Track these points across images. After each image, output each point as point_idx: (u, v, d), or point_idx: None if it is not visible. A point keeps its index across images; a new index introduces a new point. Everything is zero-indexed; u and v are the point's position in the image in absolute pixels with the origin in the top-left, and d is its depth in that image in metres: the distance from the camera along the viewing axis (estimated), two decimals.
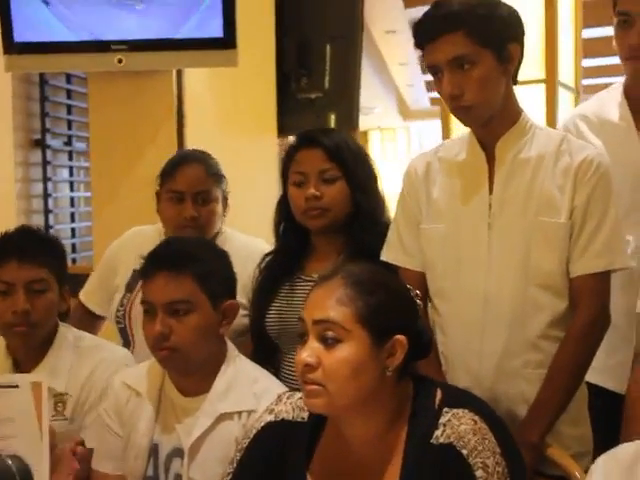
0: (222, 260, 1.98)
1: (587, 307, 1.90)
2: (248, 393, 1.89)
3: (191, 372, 1.90)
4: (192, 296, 1.86)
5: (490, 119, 1.93)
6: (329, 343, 1.48)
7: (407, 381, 1.57)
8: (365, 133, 11.61)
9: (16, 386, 1.86)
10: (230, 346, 1.98)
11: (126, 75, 3.32)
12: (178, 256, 1.90)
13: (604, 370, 1.89)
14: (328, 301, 1.50)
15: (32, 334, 2.06)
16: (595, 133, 2.20)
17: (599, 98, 2.36)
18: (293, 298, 2.22)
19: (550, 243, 1.91)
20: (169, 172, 2.47)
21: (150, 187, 2.55)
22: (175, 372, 1.91)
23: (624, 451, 1.43)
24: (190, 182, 2.42)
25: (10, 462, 1.15)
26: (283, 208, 2.31)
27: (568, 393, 1.91)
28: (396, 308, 1.54)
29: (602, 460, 1.45)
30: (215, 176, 2.48)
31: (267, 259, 2.35)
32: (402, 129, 11.64)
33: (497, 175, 1.96)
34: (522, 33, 1.96)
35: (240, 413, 1.86)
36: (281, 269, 2.29)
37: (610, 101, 2.29)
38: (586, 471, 1.79)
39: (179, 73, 3.43)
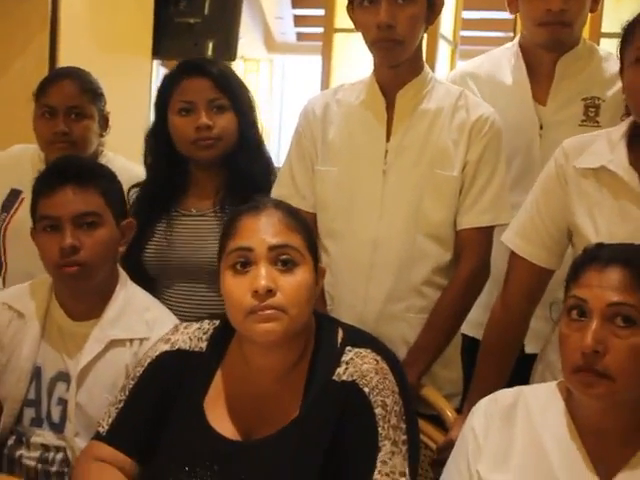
0: (117, 180, 1.94)
1: (470, 258, 1.98)
2: (140, 320, 1.87)
3: (89, 293, 1.86)
4: (100, 209, 1.83)
5: (402, 62, 1.95)
6: (286, 267, 1.49)
7: (311, 315, 1.59)
8: (228, 62, 11.41)
9: None
10: (122, 272, 1.95)
11: None
12: (84, 170, 1.86)
13: (480, 324, 1.97)
14: (278, 227, 1.51)
15: None
16: (486, 94, 2.21)
17: (490, 56, 2.36)
18: (172, 233, 2.18)
19: (441, 195, 1.97)
20: (43, 87, 2.39)
21: (19, 98, 2.46)
22: (76, 291, 1.86)
23: (504, 396, 1.52)
24: (63, 96, 2.35)
25: None
26: (157, 138, 2.23)
27: (446, 337, 2.00)
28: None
29: (483, 403, 1.54)
30: (91, 92, 2.41)
31: (136, 190, 2.27)
32: (266, 61, 11.52)
33: (396, 123, 1.99)
34: None
35: (132, 340, 1.85)
36: (156, 203, 2.22)
37: (503, 62, 2.29)
38: (457, 410, 1.90)
39: None
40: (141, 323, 1.87)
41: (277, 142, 10.89)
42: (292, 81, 11.67)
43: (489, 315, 1.93)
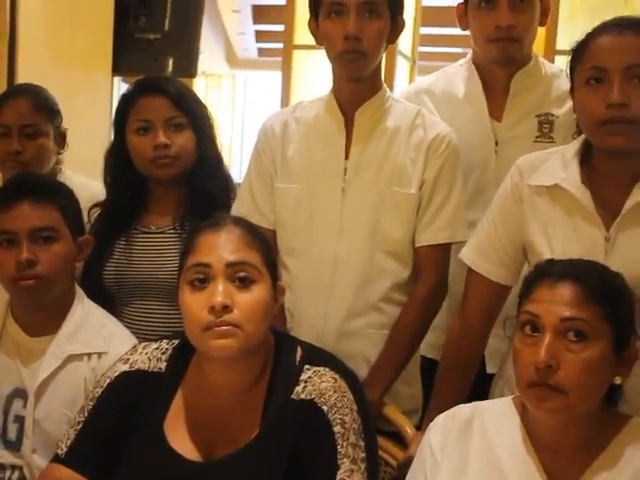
0: (75, 197, 1.95)
1: (428, 276, 1.99)
2: (97, 336, 1.87)
3: (46, 307, 1.85)
4: (57, 224, 1.83)
5: (364, 78, 1.97)
6: (243, 285, 1.49)
7: (269, 333, 1.60)
8: (190, 79, 11.41)
9: None
10: (78, 288, 1.95)
11: None
12: (41, 186, 1.87)
13: (438, 346, 1.99)
14: (236, 244, 1.52)
15: None
16: (442, 110, 2.23)
17: (445, 73, 2.38)
18: (131, 251, 2.18)
19: (399, 212, 1.99)
20: None
21: None
22: (32, 305, 1.85)
23: (461, 412, 1.54)
24: (16, 115, 2.34)
25: None
26: (116, 156, 2.23)
27: (407, 354, 2.01)
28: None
29: (441, 419, 1.55)
30: (46, 109, 2.40)
31: (97, 210, 2.26)
32: (228, 77, 11.53)
33: (354, 141, 2.01)
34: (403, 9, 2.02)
35: (90, 355, 1.84)
36: (116, 221, 2.22)
37: (457, 79, 2.31)
38: (416, 427, 1.91)
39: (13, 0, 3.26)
40: (98, 338, 1.86)
41: (239, 158, 10.90)
42: (254, 97, 11.69)
43: (447, 332, 1.94)
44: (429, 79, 2.40)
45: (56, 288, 1.84)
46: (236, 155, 10.93)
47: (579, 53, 1.67)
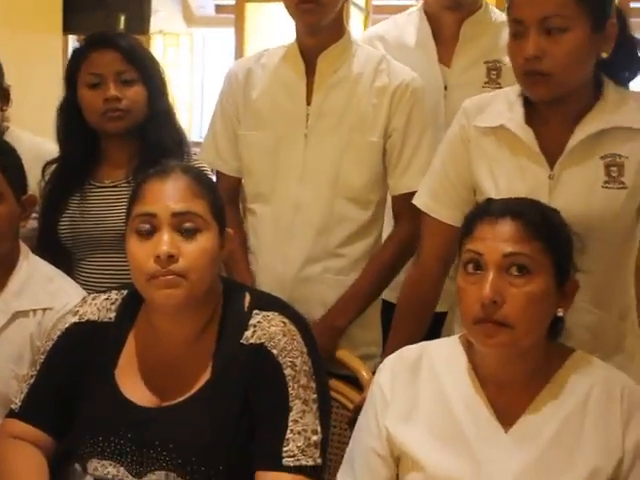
0: (17, 155, 1.93)
1: (407, 221, 2.02)
2: (43, 291, 1.87)
3: None
4: (0, 186, 1.81)
5: (323, 28, 1.98)
6: (188, 234, 1.50)
7: (218, 281, 1.61)
8: (147, 37, 11.26)
9: None
10: (23, 245, 1.94)
11: None
12: None
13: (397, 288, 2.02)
14: (182, 194, 1.52)
15: None
16: (393, 57, 2.20)
17: (396, 21, 2.39)
18: (86, 206, 2.18)
19: (361, 159, 2.01)
20: None
21: None
22: None
23: (409, 352, 1.56)
24: None
25: None
26: (68, 111, 2.22)
27: (378, 288, 2.06)
28: (224, 204, 1.64)
29: (389, 360, 1.58)
30: None
31: (52, 166, 2.26)
32: (186, 35, 11.37)
33: (316, 88, 2.02)
34: None
35: (35, 310, 1.84)
36: (70, 177, 2.22)
37: (409, 26, 2.32)
38: (374, 372, 1.93)
39: None
40: (44, 293, 1.86)
41: (200, 115, 10.79)
42: (212, 54, 11.55)
43: (405, 276, 1.97)
44: (381, 26, 2.42)
45: (4, 248, 1.83)
46: (197, 112, 10.83)
47: (509, 4, 1.68)
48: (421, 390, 1.50)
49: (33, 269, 1.90)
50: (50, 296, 1.86)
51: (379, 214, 2.12)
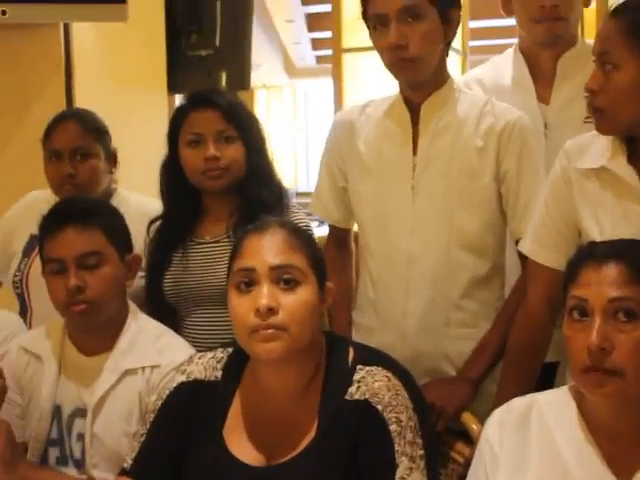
0: (120, 215, 1.98)
1: None
2: (151, 349, 1.90)
3: (100, 328, 1.89)
4: (102, 248, 1.86)
5: (424, 81, 1.97)
6: (288, 287, 1.50)
7: (321, 335, 1.61)
8: (251, 91, 11.52)
9: None
10: (131, 304, 1.98)
11: (10, 28, 3.19)
12: (84, 210, 1.90)
13: None
14: (280, 247, 1.53)
15: None
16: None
17: (494, 63, 2.37)
18: (188, 262, 2.21)
19: (473, 205, 1.98)
20: (47, 132, 2.43)
21: (37, 145, 2.48)
22: (86, 328, 1.89)
23: (517, 404, 1.51)
24: (65, 139, 2.38)
25: None
26: (170, 169, 2.27)
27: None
28: (324, 258, 1.63)
29: (498, 412, 1.52)
30: (94, 131, 2.43)
31: (156, 224, 2.31)
32: (288, 87, 11.59)
33: (422, 136, 2.00)
34: (460, 3, 2.01)
35: (144, 368, 1.87)
36: (173, 234, 2.26)
37: (505, 66, 2.30)
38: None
39: (66, 27, 3.33)
40: (152, 351, 1.90)
41: (305, 164, 10.93)
42: (315, 104, 11.72)
43: (512, 325, 1.91)
44: (478, 70, 2.41)
45: (107, 309, 1.87)
46: (302, 162, 10.97)
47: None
48: (531, 443, 1.44)
49: (141, 327, 1.94)
50: (158, 354, 1.89)
51: (499, 261, 2.07)
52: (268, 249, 1.53)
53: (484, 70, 2.38)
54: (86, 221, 1.85)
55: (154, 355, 1.89)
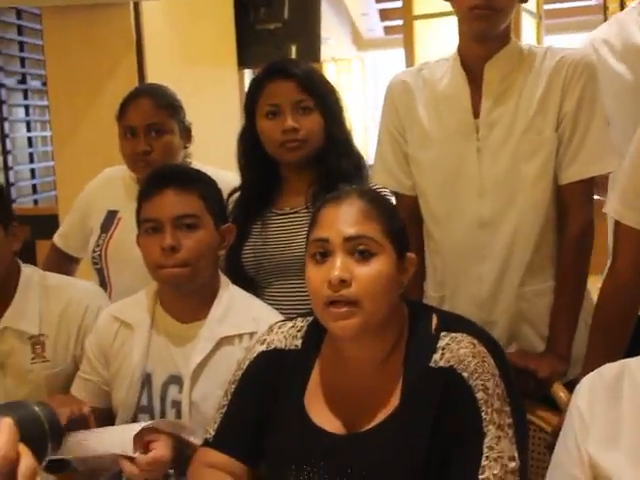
0: (217, 185, 1.99)
1: (580, 211, 1.91)
2: (246, 316, 1.90)
3: (191, 293, 1.89)
4: (199, 212, 1.87)
5: (491, 37, 1.91)
6: (362, 258, 1.48)
7: (402, 304, 1.58)
8: (320, 65, 11.49)
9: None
10: (223, 275, 1.99)
11: (81, 9, 3.24)
12: (185, 174, 1.94)
13: None
14: (355, 217, 1.50)
15: None
16: (618, 58, 2.15)
17: (618, 21, 2.27)
18: (267, 232, 2.21)
19: (538, 159, 1.92)
20: (122, 109, 2.44)
21: (111, 123, 2.50)
22: (179, 291, 1.90)
23: (608, 371, 1.45)
24: (140, 115, 2.39)
25: (37, 408, 1.11)
26: (247, 141, 2.26)
27: (578, 297, 1.94)
28: (405, 227, 1.59)
29: (588, 380, 1.47)
30: (168, 107, 2.43)
31: (235, 195, 2.31)
32: (357, 59, 11.51)
33: (485, 98, 1.95)
34: None
35: (241, 336, 1.88)
36: (252, 205, 2.25)
37: (631, 24, 2.20)
38: (566, 384, 1.84)
39: (136, 5, 3.35)
40: (247, 319, 1.90)
41: (375, 136, 10.85)
42: (384, 76, 11.63)
43: (600, 288, 1.84)
44: (603, 28, 2.31)
45: (200, 274, 1.87)
46: (372, 135, 10.91)
47: None
48: (624, 411, 1.38)
49: (233, 297, 1.95)
50: (254, 321, 1.89)
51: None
52: (343, 219, 1.50)
53: (609, 28, 2.28)
54: (185, 185, 1.87)
55: (249, 323, 1.89)
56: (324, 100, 2.19)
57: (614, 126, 1.97)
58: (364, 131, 10.71)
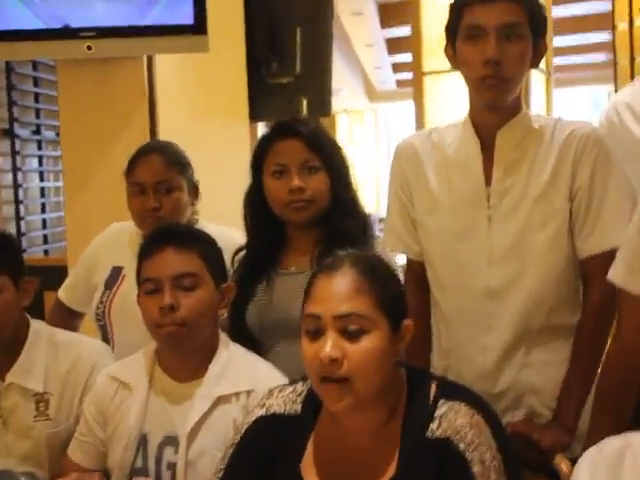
0: (217, 244, 2.00)
1: (600, 283, 1.86)
2: (245, 375, 1.89)
3: (191, 353, 1.89)
4: (199, 271, 1.88)
5: (503, 106, 1.90)
6: (354, 335, 1.46)
7: (401, 370, 1.57)
8: (332, 116, 11.57)
9: None
10: (222, 334, 1.99)
11: (95, 62, 3.27)
12: (184, 234, 1.96)
13: None
14: (347, 293, 1.49)
15: None
16: None
17: None
18: (272, 292, 2.20)
19: (549, 230, 1.91)
20: (130, 166, 2.45)
21: (122, 176, 2.51)
22: (177, 351, 1.90)
23: (610, 445, 1.42)
24: (149, 173, 2.40)
25: (23, 479, 1.11)
26: (254, 199, 2.26)
27: (592, 369, 1.90)
28: (402, 293, 1.59)
29: (589, 454, 1.44)
30: (177, 164, 2.45)
31: (240, 254, 2.31)
32: (369, 111, 11.59)
33: (496, 166, 1.94)
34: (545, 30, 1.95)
35: (238, 395, 1.87)
36: (257, 264, 2.25)
37: None
38: (571, 458, 1.80)
39: (149, 60, 3.39)
40: (246, 377, 1.89)
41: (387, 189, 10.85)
42: (396, 128, 11.69)
43: (604, 359, 1.84)
44: (627, 91, 2.33)
45: (199, 334, 1.87)
46: (384, 187, 10.93)
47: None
48: None
49: (233, 355, 1.94)
50: (252, 380, 1.88)
51: (577, 283, 1.99)
52: (334, 295, 1.49)
53: (633, 92, 2.29)
54: (185, 244, 1.88)
55: (247, 381, 1.88)
56: (331, 159, 2.19)
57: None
58: (376, 183, 10.76)
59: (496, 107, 1.91)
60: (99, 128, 3.37)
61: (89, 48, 3.11)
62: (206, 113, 3.90)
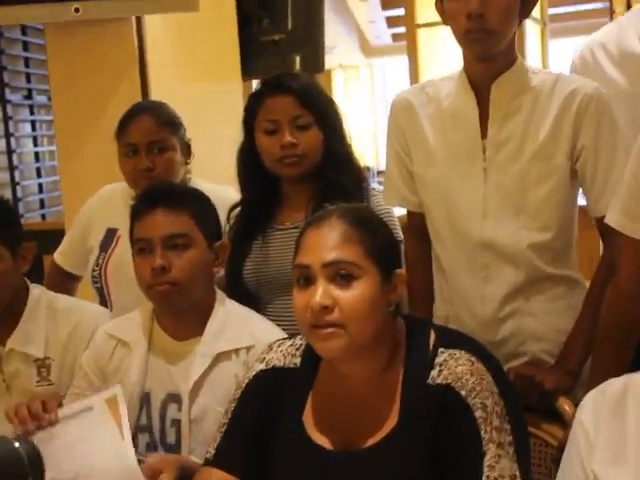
0: (210, 203, 1.99)
1: (614, 242, 1.86)
2: (243, 331, 1.90)
3: (186, 311, 1.90)
4: (190, 231, 1.88)
5: (495, 55, 1.88)
6: (344, 282, 1.47)
7: (400, 320, 1.57)
8: (328, 72, 11.47)
9: (91, 408, 1.81)
10: (219, 291, 1.99)
11: (84, 25, 3.23)
12: (175, 193, 1.95)
13: None
14: (334, 242, 1.49)
15: None
16: (614, 64, 2.13)
17: (618, 25, 2.24)
18: (268, 248, 2.21)
19: (545, 186, 1.90)
20: (122, 127, 2.44)
21: (115, 140, 2.50)
22: (171, 310, 1.90)
23: (612, 387, 1.44)
24: (141, 133, 2.39)
25: (18, 444, 1.09)
26: (247, 156, 2.26)
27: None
28: (394, 243, 1.59)
29: (592, 395, 1.46)
30: (169, 124, 2.44)
31: (235, 210, 2.31)
32: (365, 66, 11.49)
33: (492, 118, 1.92)
34: None
35: (238, 350, 1.88)
36: (252, 220, 2.25)
37: (630, 30, 2.17)
38: (575, 404, 1.81)
39: (139, 20, 3.34)
40: (245, 333, 1.90)
41: (384, 143, 10.82)
42: (393, 83, 11.61)
43: (604, 302, 1.83)
44: (602, 32, 2.28)
45: (192, 293, 1.88)
46: (381, 141, 10.89)
47: None
48: (629, 428, 1.37)
49: (230, 312, 1.95)
50: (251, 335, 1.89)
51: (571, 238, 2.01)
52: (323, 244, 1.50)
53: (608, 32, 2.25)
54: (175, 204, 1.88)
55: (246, 337, 1.89)
56: (323, 115, 2.18)
57: None
58: (373, 138, 10.71)
59: (486, 59, 1.90)
60: (90, 91, 3.34)
61: (77, 10, 3.06)
62: (198, 72, 3.86)
